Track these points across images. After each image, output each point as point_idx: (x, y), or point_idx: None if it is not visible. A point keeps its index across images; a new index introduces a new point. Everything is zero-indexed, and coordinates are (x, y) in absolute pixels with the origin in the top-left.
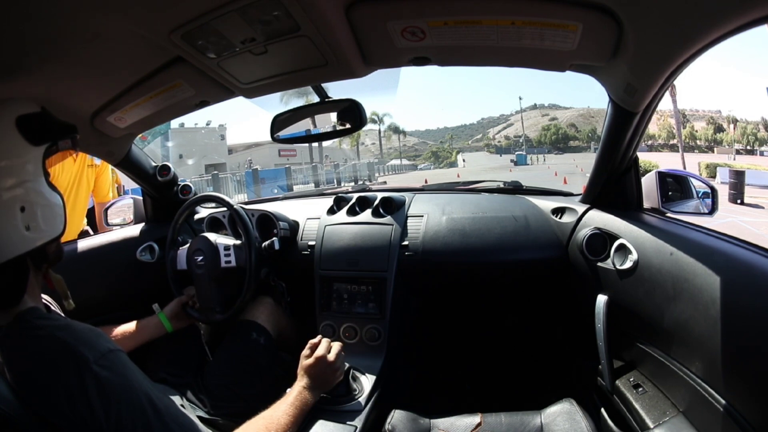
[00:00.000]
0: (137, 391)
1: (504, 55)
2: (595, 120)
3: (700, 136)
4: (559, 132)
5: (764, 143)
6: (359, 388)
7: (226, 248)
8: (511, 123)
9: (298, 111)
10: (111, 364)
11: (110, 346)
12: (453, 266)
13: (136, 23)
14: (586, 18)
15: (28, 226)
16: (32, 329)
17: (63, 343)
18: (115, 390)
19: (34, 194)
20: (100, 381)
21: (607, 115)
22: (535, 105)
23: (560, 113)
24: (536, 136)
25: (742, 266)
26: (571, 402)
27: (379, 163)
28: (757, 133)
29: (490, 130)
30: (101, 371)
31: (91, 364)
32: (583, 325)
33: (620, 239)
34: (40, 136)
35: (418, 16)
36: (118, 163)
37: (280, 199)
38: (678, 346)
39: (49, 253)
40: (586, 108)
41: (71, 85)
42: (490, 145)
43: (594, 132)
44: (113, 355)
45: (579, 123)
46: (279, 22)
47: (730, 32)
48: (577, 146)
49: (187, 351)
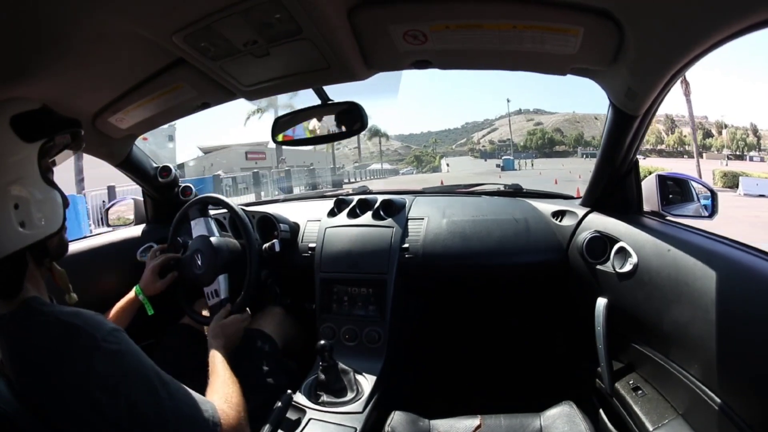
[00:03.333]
0: (145, 363)
1: (505, 59)
2: (580, 125)
3: (689, 142)
4: (545, 136)
5: (753, 148)
6: (359, 390)
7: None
8: (495, 127)
9: (299, 113)
10: (118, 340)
11: (113, 325)
12: (453, 269)
13: (138, 25)
14: (587, 22)
15: (22, 223)
16: (39, 314)
17: (71, 325)
18: (124, 361)
19: (28, 191)
20: (109, 355)
21: (608, 119)
22: (520, 110)
23: (545, 118)
24: (522, 140)
25: (742, 269)
26: (570, 405)
27: (360, 167)
28: (746, 138)
29: (474, 134)
30: (110, 346)
31: (99, 342)
32: (582, 327)
33: (620, 242)
34: (34, 133)
35: (420, 19)
36: (119, 164)
37: (281, 201)
38: (677, 348)
39: (50, 248)
40: (572, 113)
41: (73, 85)
42: (475, 150)
43: (581, 137)
44: (119, 333)
45: (564, 128)
46: (281, 24)
47: (730, 36)
48: (564, 151)
49: (189, 355)
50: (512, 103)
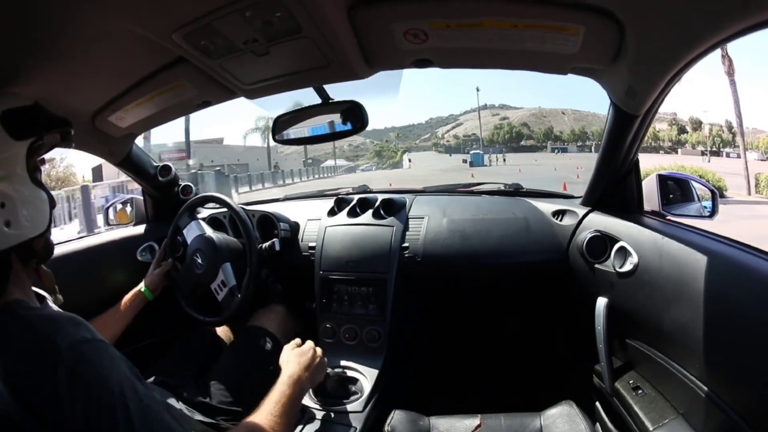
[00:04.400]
0: (110, 383)
1: (506, 58)
2: (547, 120)
3: (663, 137)
4: (512, 131)
5: (728, 145)
6: (359, 390)
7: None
8: (460, 122)
9: (300, 112)
10: (84, 355)
11: (87, 335)
12: (453, 268)
13: (138, 23)
14: (588, 21)
15: (8, 222)
16: (15, 319)
17: (38, 333)
18: (84, 381)
19: (15, 190)
20: (71, 371)
21: (608, 118)
22: (486, 105)
23: (511, 113)
24: (488, 135)
25: (743, 269)
26: (570, 404)
27: (313, 164)
28: (722, 134)
29: (438, 129)
30: (72, 361)
31: (63, 354)
32: (582, 327)
33: (620, 242)
34: (24, 130)
35: (421, 18)
36: (119, 163)
37: (281, 200)
38: (677, 348)
39: (36, 249)
40: (538, 108)
41: (73, 84)
42: (439, 145)
43: (550, 131)
44: (89, 345)
45: (531, 122)
46: (281, 23)
47: (731, 36)
48: (532, 145)
49: (193, 353)
50: (477, 99)
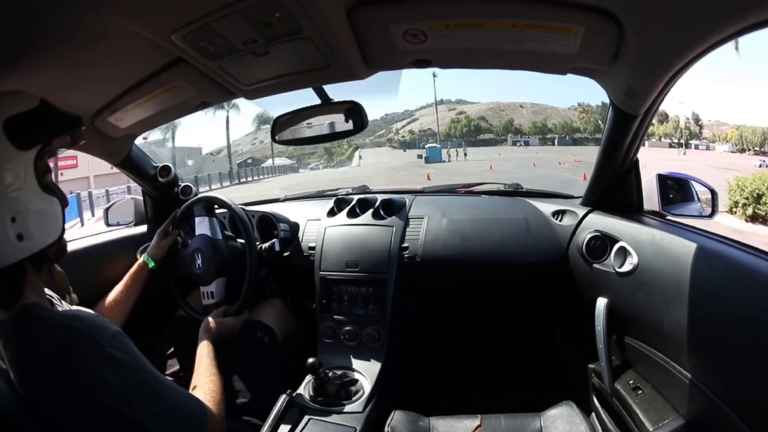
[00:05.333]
0: (144, 367)
1: (505, 58)
2: (505, 113)
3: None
4: (470, 124)
5: (695, 137)
6: (359, 390)
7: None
8: (416, 118)
9: (299, 113)
10: (121, 345)
11: (115, 327)
12: (453, 268)
13: (137, 24)
14: (587, 21)
15: (20, 236)
16: (39, 320)
17: (73, 329)
18: (128, 367)
19: (25, 202)
20: (114, 361)
21: (608, 118)
22: (442, 100)
23: (468, 107)
24: (445, 129)
25: (742, 269)
26: (570, 405)
27: (253, 164)
28: (690, 127)
29: (394, 125)
30: (114, 351)
31: (104, 347)
32: (583, 327)
33: (620, 242)
34: (30, 139)
35: (420, 19)
36: (119, 164)
37: (281, 201)
38: (677, 348)
39: (49, 255)
40: (495, 102)
41: (72, 84)
42: (393, 140)
43: (510, 124)
44: (121, 336)
45: (489, 116)
46: (281, 23)
47: (731, 36)
48: (491, 139)
49: (189, 346)
50: (433, 95)
